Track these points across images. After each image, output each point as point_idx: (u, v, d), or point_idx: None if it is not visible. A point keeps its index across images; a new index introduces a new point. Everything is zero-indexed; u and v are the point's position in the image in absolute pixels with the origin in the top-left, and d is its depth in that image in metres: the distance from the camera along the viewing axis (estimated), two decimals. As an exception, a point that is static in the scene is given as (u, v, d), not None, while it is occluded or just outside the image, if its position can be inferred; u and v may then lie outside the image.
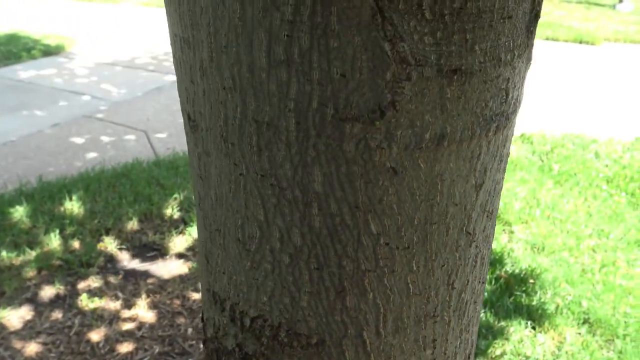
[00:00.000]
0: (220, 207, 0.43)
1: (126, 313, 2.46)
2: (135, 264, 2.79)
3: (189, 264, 2.78)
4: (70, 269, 2.80)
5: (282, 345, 0.42)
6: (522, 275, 2.78)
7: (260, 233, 0.41)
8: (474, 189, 0.40)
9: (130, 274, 2.74)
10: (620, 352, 2.26)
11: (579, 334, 2.39)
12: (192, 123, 0.45)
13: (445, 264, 0.41)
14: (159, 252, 2.89)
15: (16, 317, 2.41)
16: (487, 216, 0.43)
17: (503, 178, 0.43)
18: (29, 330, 2.35)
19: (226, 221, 0.43)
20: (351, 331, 0.40)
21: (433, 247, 0.40)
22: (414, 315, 0.41)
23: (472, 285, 0.44)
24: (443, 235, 0.40)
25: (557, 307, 2.55)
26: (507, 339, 2.36)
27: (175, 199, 3.32)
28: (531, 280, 2.74)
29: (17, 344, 2.29)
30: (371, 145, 0.38)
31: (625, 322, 2.43)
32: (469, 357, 0.48)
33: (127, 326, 2.38)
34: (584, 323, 2.46)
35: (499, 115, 0.41)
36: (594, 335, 2.38)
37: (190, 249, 2.92)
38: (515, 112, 0.43)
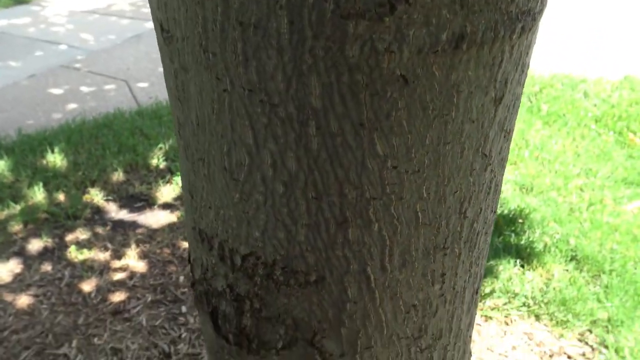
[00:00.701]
0: (202, 132, 0.38)
1: (116, 263, 2.44)
2: (123, 215, 2.75)
3: (177, 213, 2.75)
4: (56, 221, 2.76)
5: (278, 284, 0.38)
6: (511, 216, 2.79)
7: (250, 159, 0.35)
8: (492, 103, 0.35)
9: (119, 225, 2.70)
10: (607, 286, 2.31)
11: (567, 270, 2.43)
12: (165, 34, 0.39)
13: (458, 190, 0.36)
14: (147, 202, 2.85)
15: (5, 270, 2.38)
16: (505, 136, 0.38)
17: (522, 93, 0.38)
18: (19, 283, 2.33)
19: (210, 148, 0.38)
20: (354, 267, 0.36)
21: (446, 170, 0.35)
22: (422, 248, 0.37)
23: (485, 215, 0.40)
24: (457, 157, 0.35)
25: (545, 246, 2.58)
26: (496, 277, 2.39)
27: (161, 148, 3.25)
28: (520, 220, 2.76)
29: (8, 297, 2.27)
30: (378, 47, 0.32)
31: (611, 258, 2.47)
32: (476, 292, 0.45)
33: (118, 276, 2.36)
34: (571, 260, 2.49)
35: (525, 14, 0.35)
36: (581, 271, 2.42)
37: (177, 198, 2.88)
38: (541, 12, 0.37)
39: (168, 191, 2.91)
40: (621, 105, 4.08)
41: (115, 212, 2.83)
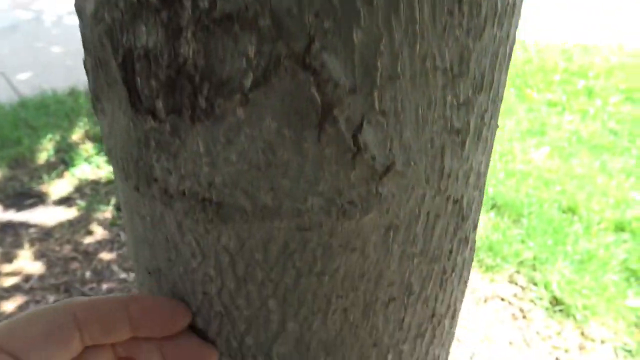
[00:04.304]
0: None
1: (7, 267, 2.13)
2: (11, 215, 2.42)
3: (77, 206, 2.46)
4: None
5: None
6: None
7: None
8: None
9: (7, 226, 2.37)
10: (528, 228, 2.36)
11: (489, 218, 2.46)
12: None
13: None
14: (39, 198, 2.53)
15: None
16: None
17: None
18: None
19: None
20: None
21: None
22: None
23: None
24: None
25: (466, 198, 2.60)
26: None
27: (51, 139, 2.91)
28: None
29: None
30: None
31: (528, 202, 2.54)
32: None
33: (11, 281, 2.06)
34: (492, 208, 2.53)
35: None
36: (502, 217, 2.46)
37: (76, 190, 2.58)
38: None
39: (63, 184, 2.60)
40: (516, 65, 4.27)
41: (1, 212, 2.48)
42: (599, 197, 2.59)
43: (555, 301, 2.01)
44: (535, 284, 2.09)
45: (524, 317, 1.97)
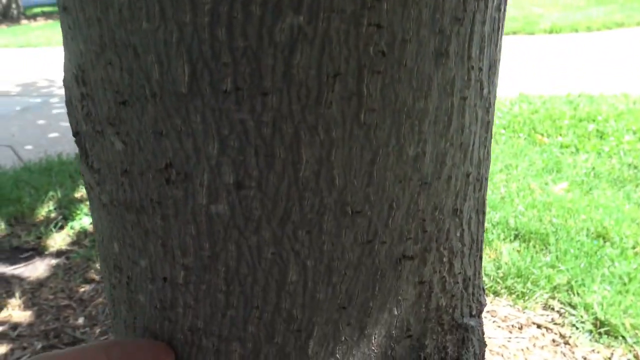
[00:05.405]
0: None
1: (-5, 318, 1.96)
2: (4, 269, 2.28)
3: (75, 257, 2.33)
4: None
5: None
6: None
7: None
8: None
9: (0, 279, 2.23)
10: (558, 254, 2.17)
11: (514, 248, 2.28)
12: None
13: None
14: (36, 251, 2.40)
15: None
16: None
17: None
18: None
19: None
20: None
21: None
22: None
23: None
24: None
25: (485, 229, 2.43)
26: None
27: (52, 197, 2.83)
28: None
29: None
30: None
31: (553, 230, 2.37)
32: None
33: (-2, 331, 1.89)
34: (515, 238, 2.36)
35: None
36: (527, 247, 2.28)
37: (75, 242, 2.46)
38: None
39: (62, 237, 2.48)
40: (523, 115, 4.24)
41: (-4, 267, 2.34)
42: (629, 223, 2.41)
43: (600, 323, 1.79)
44: (573, 307, 1.87)
45: (566, 342, 1.74)
